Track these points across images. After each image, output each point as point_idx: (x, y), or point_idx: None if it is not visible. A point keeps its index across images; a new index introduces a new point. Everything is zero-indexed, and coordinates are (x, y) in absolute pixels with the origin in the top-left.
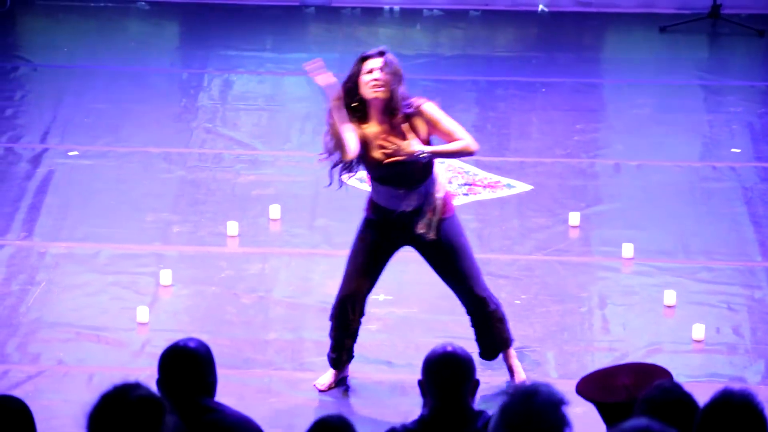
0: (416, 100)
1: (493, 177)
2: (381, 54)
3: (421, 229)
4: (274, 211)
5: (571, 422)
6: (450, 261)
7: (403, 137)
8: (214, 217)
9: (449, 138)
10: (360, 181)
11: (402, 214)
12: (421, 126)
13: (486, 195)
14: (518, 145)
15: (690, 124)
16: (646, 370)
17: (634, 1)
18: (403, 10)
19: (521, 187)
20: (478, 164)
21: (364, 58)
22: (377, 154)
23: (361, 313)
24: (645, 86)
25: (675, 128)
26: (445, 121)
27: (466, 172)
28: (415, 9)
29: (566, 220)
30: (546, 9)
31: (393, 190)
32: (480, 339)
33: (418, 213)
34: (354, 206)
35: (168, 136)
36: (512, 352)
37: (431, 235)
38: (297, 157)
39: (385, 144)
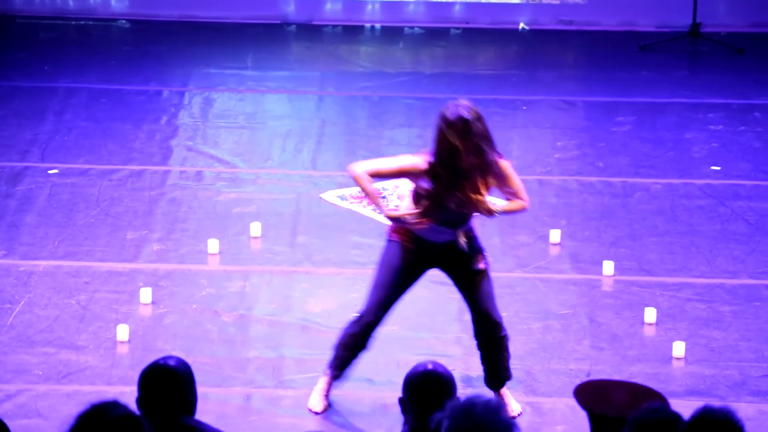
0: (496, 156)
1: None
2: (464, 121)
3: (461, 240)
4: (255, 228)
5: (516, 423)
6: (477, 281)
7: (476, 189)
8: (195, 235)
9: (513, 196)
10: (341, 200)
11: (444, 243)
12: (492, 180)
13: None
14: None
15: (670, 142)
16: (643, 393)
17: (614, 19)
18: (384, 28)
19: (502, 204)
20: None
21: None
22: (451, 203)
23: (381, 322)
24: (625, 104)
25: (655, 146)
26: (515, 180)
27: None
28: (396, 27)
29: (547, 238)
30: (527, 27)
31: (439, 228)
32: (487, 366)
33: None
34: (334, 224)
35: (148, 154)
36: (506, 390)
37: (464, 245)
38: (278, 175)
39: (465, 198)
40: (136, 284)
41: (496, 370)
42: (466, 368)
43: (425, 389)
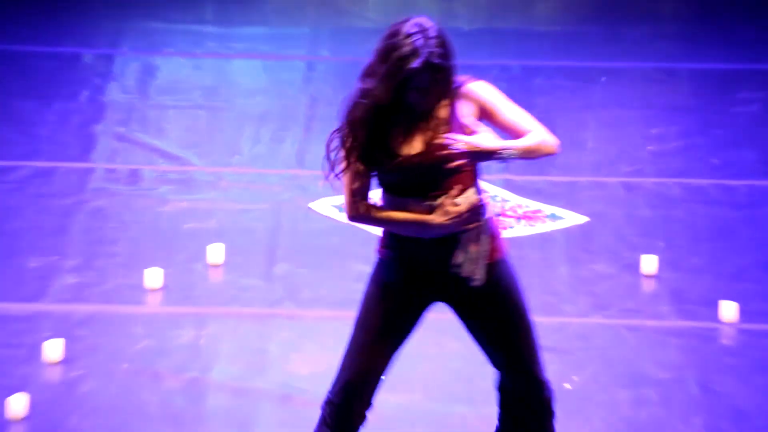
0: (462, 78)
1: (531, 204)
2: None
3: (458, 259)
4: (216, 253)
5: None
6: (504, 325)
7: (449, 130)
8: (128, 263)
9: (512, 131)
10: (339, 210)
11: (437, 248)
12: (467, 115)
13: (521, 230)
14: (567, 159)
15: None
16: None
17: None
18: None
19: (571, 218)
20: (508, 185)
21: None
22: (419, 156)
23: (369, 404)
24: (752, 74)
25: None
26: (506, 107)
27: (493, 197)
28: None
29: (637, 267)
30: None
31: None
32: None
33: (454, 245)
34: (329, 246)
35: (61, 144)
36: None
37: (477, 276)
38: (249, 176)
39: (437, 140)
40: (41, 334)
41: None
42: None
43: None
